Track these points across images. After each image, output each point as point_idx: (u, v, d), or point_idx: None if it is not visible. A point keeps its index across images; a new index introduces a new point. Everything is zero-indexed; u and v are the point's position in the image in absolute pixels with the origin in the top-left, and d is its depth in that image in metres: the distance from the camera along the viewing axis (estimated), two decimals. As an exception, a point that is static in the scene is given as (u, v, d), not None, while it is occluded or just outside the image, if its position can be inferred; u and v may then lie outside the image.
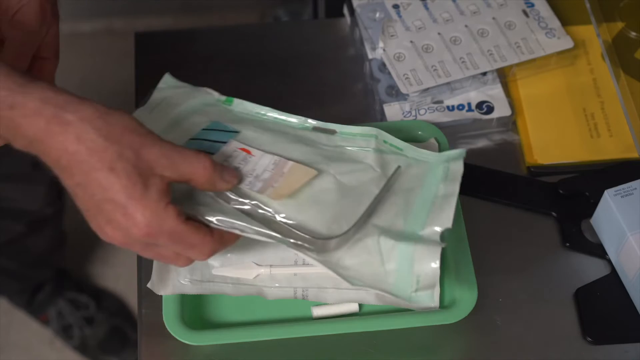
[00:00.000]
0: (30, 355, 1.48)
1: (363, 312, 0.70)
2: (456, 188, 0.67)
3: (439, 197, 0.67)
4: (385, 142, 0.71)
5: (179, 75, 0.81)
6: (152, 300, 0.68)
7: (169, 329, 0.68)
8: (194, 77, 0.86)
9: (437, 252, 0.63)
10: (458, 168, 0.68)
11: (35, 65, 0.67)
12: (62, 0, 1.04)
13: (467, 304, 0.68)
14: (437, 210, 0.66)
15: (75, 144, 0.55)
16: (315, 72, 0.88)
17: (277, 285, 0.69)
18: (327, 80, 0.87)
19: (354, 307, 0.70)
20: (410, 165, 0.70)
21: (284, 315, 0.70)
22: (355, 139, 0.71)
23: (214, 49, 0.90)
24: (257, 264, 0.69)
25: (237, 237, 0.63)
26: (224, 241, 0.62)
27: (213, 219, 0.62)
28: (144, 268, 0.74)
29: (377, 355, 0.70)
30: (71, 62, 1.74)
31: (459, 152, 0.70)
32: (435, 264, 0.63)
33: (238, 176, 0.64)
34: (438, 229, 0.65)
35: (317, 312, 0.70)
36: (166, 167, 0.58)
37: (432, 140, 0.76)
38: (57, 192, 1.29)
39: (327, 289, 0.69)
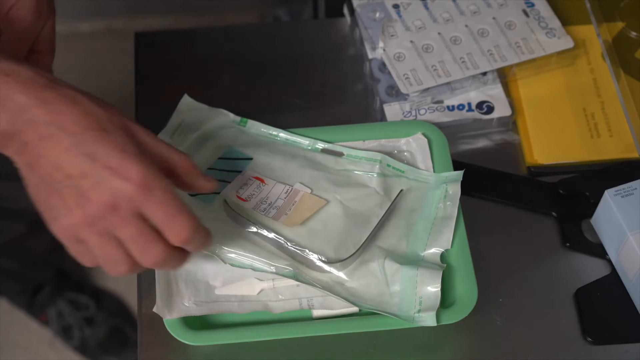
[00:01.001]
0: (30, 355, 1.48)
1: (363, 312, 0.70)
2: (454, 211, 0.72)
3: (438, 218, 0.72)
4: (388, 165, 0.75)
5: (179, 76, 0.81)
6: (152, 301, 0.68)
7: (169, 329, 0.68)
8: (194, 77, 0.87)
9: (438, 275, 0.68)
10: (456, 190, 0.73)
11: (31, 59, 0.67)
12: (62, 0, 1.04)
13: (467, 304, 0.68)
14: (436, 232, 0.71)
15: (70, 106, 0.56)
16: (315, 72, 0.88)
17: (281, 297, 0.69)
18: (327, 80, 0.87)
19: (354, 307, 0.70)
20: (411, 187, 0.75)
21: (284, 315, 0.70)
22: (361, 162, 0.75)
23: (214, 49, 0.90)
24: (259, 280, 0.69)
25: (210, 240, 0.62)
26: (205, 234, 0.60)
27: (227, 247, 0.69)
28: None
29: (377, 355, 0.70)
30: (71, 62, 1.74)
31: (456, 174, 0.74)
32: (437, 288, 0.67)
33: (217, 183, 0.65)
34: (438, 250, 0.70)
35: (317, 312, 0.70)
36: (152, 145, 0.58)
37: (419, 135, 0.76)
38: None
39: (331, 295, 0.69)
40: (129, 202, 0.55)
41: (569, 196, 0.78)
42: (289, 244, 0.69)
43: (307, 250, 0.69)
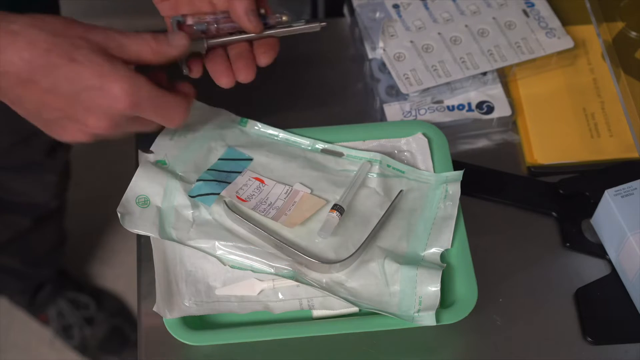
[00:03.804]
0: (30, 355, 1.48)
1: (363, 312, 0.70)
2: (454, 211, 0.72)
3: (438, 218, 0.72)
4: (388, 166, 0.75)
5: (178, 76, 0.80)
6: (152, 301, 0.68)
7: (168, 329, 0.68)
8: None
9: (437, 275, 0.68)
10: (456, 190, 0.73)
11: None
12: (61, 1, 1.04)
13: (467, 304, 0.68)
14: (437, 232, 0.71)
15: (30, 50, 0.57)
16: (315, 72, 0.87)
17: (281, 298, 0.69)
18: (327, 80, 0.87)
19: (354, 307, 0.70)
20: (412, 187, 0.74)
21: (284, 315, 0.70)
22: (361, 162, 0.75)
23: (214, 49, 0.90)
24: (259, 280, 0.69)
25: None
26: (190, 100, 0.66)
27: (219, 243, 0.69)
28: (144, 269, 0.74)
29: (377, 355, 0.70)
30: (71, 62, 1.74)
31: (456, 174, 0.74)
32: (436, 287, 0.67)
33: (187, 38, 0.66)
34: (438, 250, 0.70)
35: (317, 312, 0.70)
36: (115, 49, 0.61)
37: (419, 135, 0.76)
38: (65, 184, 1.28)
39: (331, 295, 0.69)
40: (124, 117, 0.60)
41: (569, 196, 0.78)
42: (288, 244, 0.69)
43: (306, 251, 0.69)
